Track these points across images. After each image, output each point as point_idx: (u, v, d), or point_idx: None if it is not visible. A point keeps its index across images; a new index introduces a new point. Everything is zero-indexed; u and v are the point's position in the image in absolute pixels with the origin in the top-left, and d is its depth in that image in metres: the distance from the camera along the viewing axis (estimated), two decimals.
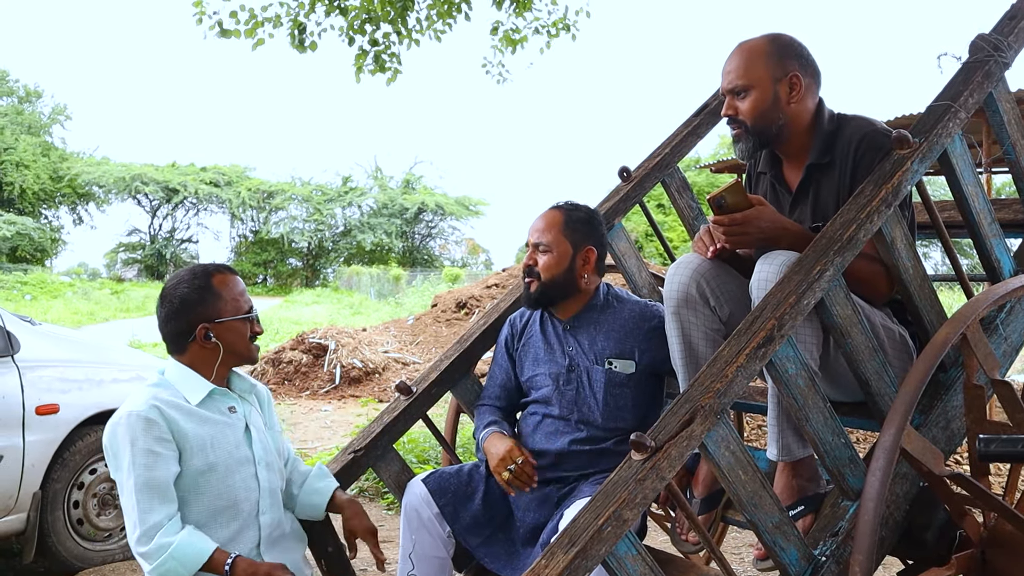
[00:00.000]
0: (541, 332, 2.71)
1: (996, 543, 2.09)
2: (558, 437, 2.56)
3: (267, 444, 2.39)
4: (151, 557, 2.07)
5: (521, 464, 2.50)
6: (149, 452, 2.12)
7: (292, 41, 7.72)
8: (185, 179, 40.26)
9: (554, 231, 2.59)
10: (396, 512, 5.56)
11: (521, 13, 8.59)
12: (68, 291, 29.20)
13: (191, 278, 2.32)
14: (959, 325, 2.03)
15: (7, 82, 43.17)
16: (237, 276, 2.41)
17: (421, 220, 44.20)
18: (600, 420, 2.54)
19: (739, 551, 4.65)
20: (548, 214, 2.64)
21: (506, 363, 2.78)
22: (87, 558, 4.20)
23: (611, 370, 2.56)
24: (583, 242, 2.60)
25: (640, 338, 2.59)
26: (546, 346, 2.67)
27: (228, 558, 2.11)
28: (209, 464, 2.21)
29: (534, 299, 2.63)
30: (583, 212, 2.65)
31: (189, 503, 2.19)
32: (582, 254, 2.60)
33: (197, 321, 2.29)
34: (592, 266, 2.62)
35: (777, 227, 2.21)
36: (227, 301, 2.32)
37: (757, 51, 2.36)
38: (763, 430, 7.04)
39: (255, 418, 2.39)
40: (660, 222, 31.72)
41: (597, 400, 2.55)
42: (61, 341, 4.46)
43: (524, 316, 2.79)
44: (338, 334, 12.52)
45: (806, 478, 2.23)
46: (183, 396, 2.26)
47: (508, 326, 2.82)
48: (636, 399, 2.57)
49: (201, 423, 2.24)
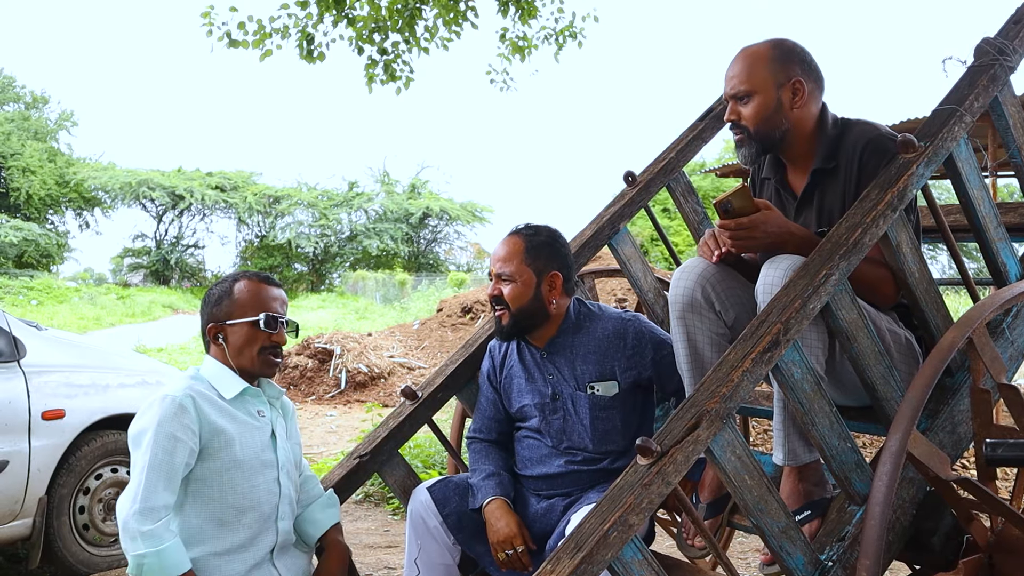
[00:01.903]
0: (520, 362, 2.67)
1: (1003, 548, 2.08)
2: (553, 460, 2.55)
3: (288, 453, 2.40)
4: (144, 539, 2.04)
5: (520, 553, 2.43)
6: (172, 436, 2.13)
7: (300, 52, 7.73)
8: (191, 184, 40.28)
9: (515, 260, 2.54)
10: (401, 517, 5.56)
11: (526, 21, 8.60)
12: (74, 296, 29.27)
13: (222, 280, 2.39)
14: (965, 329, 2.02)
15: (14, 88, 43.34)
16: (269, 286, 2.39)
17: (427, 225, 44.20)
18: (591, 445, 2.53)
19: (745, 556, 4.64)
20: (508, 241, 2.59)
21: (492, 395, 2.74)
22: (93, 563, 4.21)
23: (594, 395, 2.53)
24: (547, 267, 2.55)
25: (618, 356, 2.56)
26: (527, 376, 2.64)
27: None
28: (235, 461, 2.22)
29: (507, 331, 2.59)
30: (544, 236, 2.59)
31: (214, 499, 2.20)
32: (547, 280, 2.55)
33: (209, 320, 2.34)
34: (559, 290, 2.57)
35: (783, 231, 2.21)
36: (239, 305, 2.33)
37: (760, 56, 2.36)
38: (769, 434, 7.03)
39: (280, 425, 2.41)
40: (665, 226, 31.69)
41: (585, 426, 2.53)
42: (67, 346, 4.47)
43: (502, 346, 2.74)
44: (344, 339, 12.54)
45: (812, 483, 2.23)
46: (217, 391, 2.28)
47: (488, 357, 2.77)
48: (625, 418, 2.55)
49: (232, 420, 2.25)
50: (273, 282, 2.42)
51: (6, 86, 42.88)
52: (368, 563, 4.54)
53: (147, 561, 2.04)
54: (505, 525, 2.46)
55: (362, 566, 4.33)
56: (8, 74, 44.23)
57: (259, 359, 2.34)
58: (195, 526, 2.20)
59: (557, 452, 2.55)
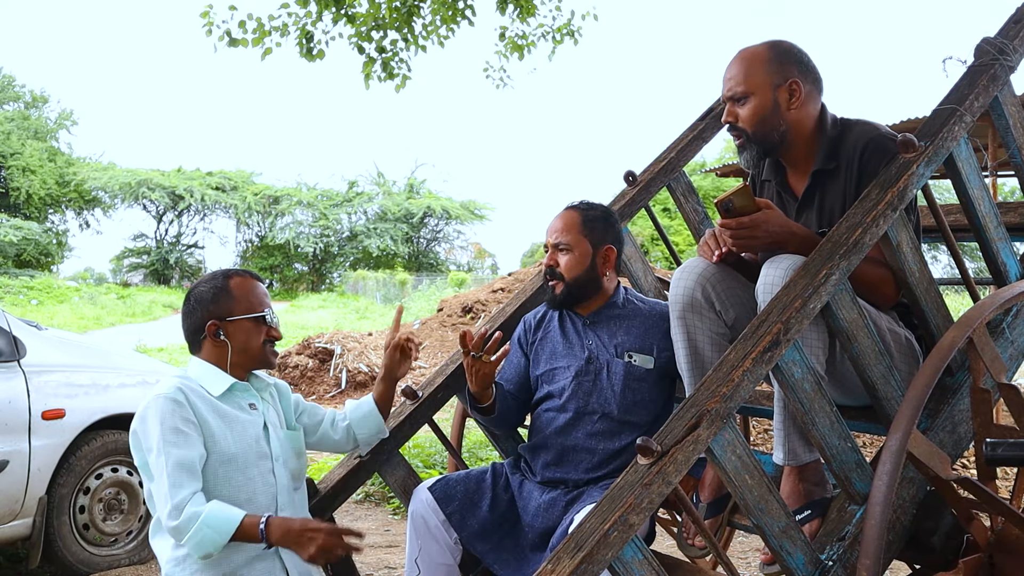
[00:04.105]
0: (560, 328, 2.72)
1: (1003, 547, 2.08)
2: (572, 431, 2.56)
3: (284, 443, 2.41)
4: (183, 530, 2.08)
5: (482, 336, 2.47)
6: (177, 431, 2.15)
7: (300, 50, 7.76)
8: (191, 184, 40.25)
9: (573, 231, 2.62)
10: (402, 517, 5.56)
11: (525, 19, 8.61)
12: (74, 296, 29.26)
13: (210, 279, 2.39)
14: (965, 329, 2.03)
15: (13, 87, 43.27)
16: (257, 282, 2.44)
17: (427, 224, 44.20)
18: (616, 411, 2.54)
19: (746, 555, 4.65)
20: (565, 214, 2.67)
21: (518, 358, 2.78)
22: (93, 563, 4.21)
23: (631, 363, 2.58)
24: (602, 241, 2.63)
25: (660, 336, 2.60)
26: (565, 341, 2.68)
27: (261, 520, 2.12)
28: (229, 455, 2.24)
29: (560, 300, 2.66)
30: (599, 211, 2.68)
31: (209, 493, 2.20)
32: (602, 253, 2.63)
33: (208, 318, 2.33)
34: (612, 264, 2.66)
35: (785, 230, 2.21)
36: (239, 301, 2.35)
37: (756, 58, 2.36)
38: (769, 434, 7.03)
39: (272, 416, 2.42)
40: (666, 226, 31.64)
41: (615, 391, 2.55)
42: (67, 346, 4.47)
43: (539, 313, 2.80)
44: (344, 339, 12.55)
45: (813, 482, 2.23)
46: (205, 389, 2.29)
47: (522, 323, 2.83)
48: (652, 395, 2.58)
49: (221, 415, 2.27)
50: (260, 279, 2.48)
51: (6, 85, 42.82)
52: (368, 563, 4.54)
53: (201, 535, 2.07)
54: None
55: (362, 566, 4.33)
56: (8, 73, 44.26)
57: (263, 352, 2.39)
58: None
59: (578, 421, 2.56)
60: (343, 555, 2.23)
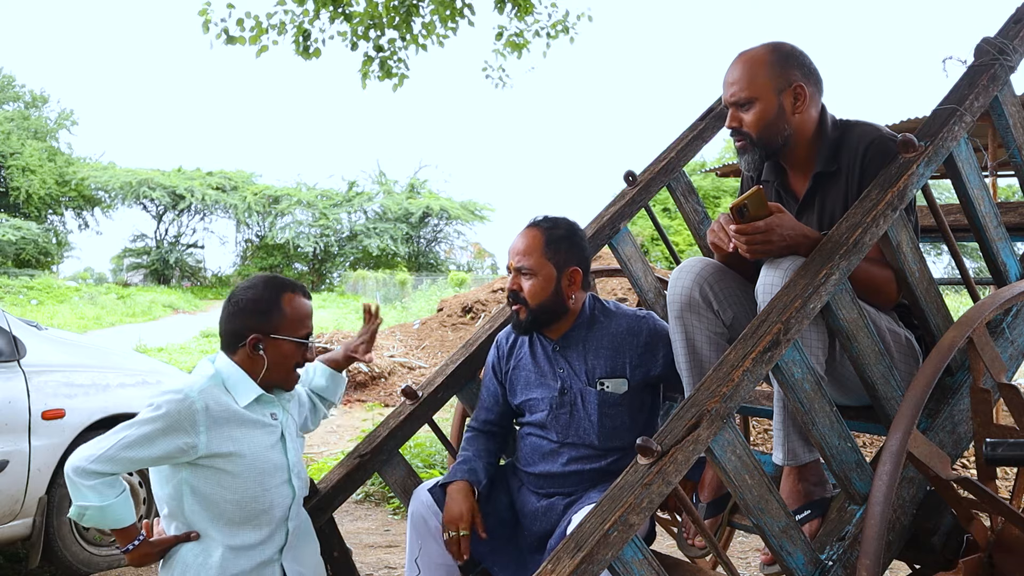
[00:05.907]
0: (531, 354, 2.65)
1: (1003, 547, 2.08)
2: (556, 458, 2.54)
3: (297, 452, 2.41)
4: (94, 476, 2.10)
5: (462, 536, 2.41)
6: (159, 433, 2.13)
7: (297, 48, 7.78)
8: (191, 184, 40.23)
9: (535, 254, 2.50)
10: (402, 517, 5.56)
11: (523, 17, 8.62)
12: (74, 296, 29.24)
13: (264, 287, 2.32)
14: (965, 329, 2.03)
15: (13, 87, 43.26)
16: (307, 300, 2.39)
17: (427, 225, 44.19)
18: (597, 441, 2.51)
19: (746, 555, 4.65)
20: (527, 233, 2.55)
21: (494, 387, 2.73)
22: (93, 563, 4.21)
23: (603, 391, 2.52)
24: (567, 263, 2.51)
25: (630, 353, 2.54)
26: (537, 369, 2.62)
27: (138, 536, 2.21)
28: (246, 465, 2.23)
29: (525, 326, 2.57)
30: (563, 229, 2.56)
31: (227, 501, 2.21)
32: (567, 275, 2.52)
33: (253, 329, 2.28)
34: (578, 285, 2.55)
35: (797, 233, 2.15)
36: (288, 321, 2.31)
37: (759, 62, 2.34)
38: (769, 434, 7.03)
39: (291, 426, 2.41)
40: (666, 226, 31.67)
41: (592, 423, 2.51)
42: (67, 346, 4.47)
43: (510, 337, 2.73)
44: (344, 339, 12.52)
45: (813, 482, 2.23)
46: (233, 397, 2.27)
47: (495, 348, 2.76)
48: (632, 416, 2.55)
49: (242, 425, 2.25)
50: (309, 295, 2.42)
51: (6, 85, 42.80)
52: (368, 563, 4.54)
53: (89, 502, 2.12)
54: (456, 506, 2.45)
55: (362, 566, 4.33)
56: (8, 73, 44.23)
57: (291, 375, 2.37)
58: (203, 528, 2.22)
59: (561, 449, 2.54)
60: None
